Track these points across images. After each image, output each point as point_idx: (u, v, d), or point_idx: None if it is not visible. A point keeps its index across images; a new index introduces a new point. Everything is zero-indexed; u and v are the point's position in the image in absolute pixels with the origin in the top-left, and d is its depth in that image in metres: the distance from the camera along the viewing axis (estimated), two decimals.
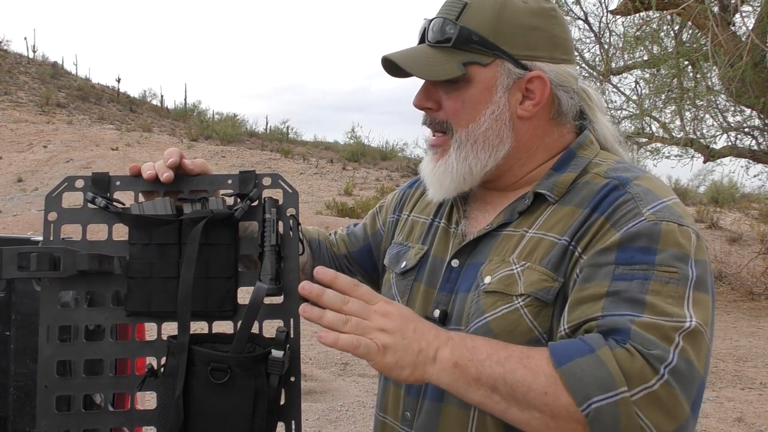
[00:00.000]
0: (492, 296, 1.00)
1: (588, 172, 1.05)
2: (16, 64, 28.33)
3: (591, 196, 1.00)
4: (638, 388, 0.83)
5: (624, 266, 0.92)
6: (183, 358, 1.04)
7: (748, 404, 5.20)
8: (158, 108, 29.21)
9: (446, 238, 1.16)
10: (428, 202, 1.22)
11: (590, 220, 0.98)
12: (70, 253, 1.07)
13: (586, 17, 10.69)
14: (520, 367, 0.88)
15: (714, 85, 9.58)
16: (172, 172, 1.11)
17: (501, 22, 1.04)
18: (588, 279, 0.93)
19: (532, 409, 0.87)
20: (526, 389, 0.87)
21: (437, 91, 1.08)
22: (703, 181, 19.78)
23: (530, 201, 1.06)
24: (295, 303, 1.12)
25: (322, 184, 17.89)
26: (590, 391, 0.83)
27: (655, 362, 0.84)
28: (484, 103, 1.05)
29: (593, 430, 0.84)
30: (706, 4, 7.94)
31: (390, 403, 1.16)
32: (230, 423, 1.03)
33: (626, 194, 0.98)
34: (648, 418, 0.83)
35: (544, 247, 1.00)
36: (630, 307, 0.88)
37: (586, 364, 0.85)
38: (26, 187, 16.53)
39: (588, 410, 0.83)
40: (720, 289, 10.76)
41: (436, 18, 1.07)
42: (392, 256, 1.24)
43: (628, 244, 0.93)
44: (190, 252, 1.07)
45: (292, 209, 1.15)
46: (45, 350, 1.09)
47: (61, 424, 1.08)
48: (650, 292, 0.89)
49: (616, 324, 0.87)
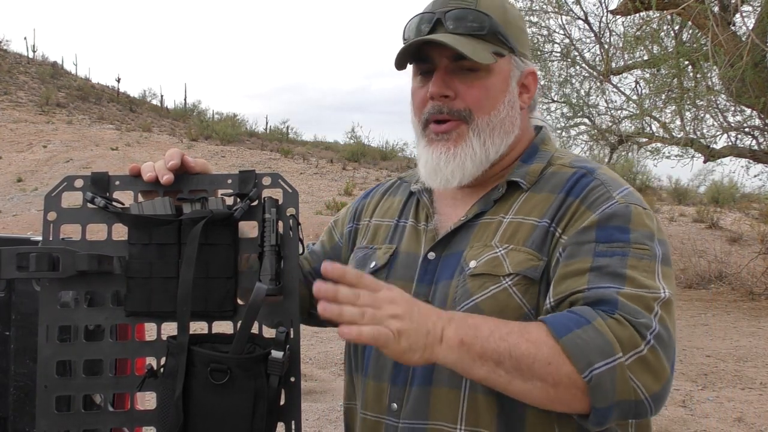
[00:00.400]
0: (479, 279, 1.06)
1: (553, 164, 1.15)
2: (15, 64, 28.33)
3: (562, 183, 1.10)
4: (630, 353, 0.92)
5: (604, 244, 1.01)
6: (182, 358, 1.04)
7: (748, 404, 5.20)
8: (158, 108, 29.21)
9: (416, 234, 1.20)
10: (389, 206, 1.28)
11: (566, 203, 1.07)
12: (69, 254, 1.07)
13: (586, 17, 10.69)
14: (523, 341, 0.93)
15: (714, 85, 9.58)
16: (172, 174, 1.11)
17: (507, 20, 1.14)
18: (572, 255, 1.02)
19: (535, 379, 0.92)
20: (530, 361, 0.92)
21: (453, 80, 1.12)
22: (703, 181, 19.80)
23: (504, 189, 1.13)
24: (295, 303, 1.12)
25: (322, 184, 17.89)
26: (592, 358, 0.91)
27: (642, 329, 0.93)
28: (503, 92, 1.13)
29: (593, 393, 0.91)
30: (706, 4, 7.94)
31: (370, 399, 1.15)
32: (230, 423, 1.03)
33: (595, 180, 1.09)
34: (639, 380, 0.92)
35: (526, 230, 1.07)
36: (613, 280, 0.98)
37: (585, 335, 0.92)
38: (26, 187, 16.54)
39: (589, 376, 0.90)
40: (720, 289, 10.77)
41: (461, 9, 1.11)
42: (359, 259, 1.25)
43: (606, 224, 1.03)
44: (189, 252, 1.06)
45: (292, 209, 1.15)
46: (44, 350, 1.09)
47: (60, 425, 1.08)
48: (629, 267, 0.99)
49: (603, 296, 0.96)
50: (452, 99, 1.12)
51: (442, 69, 1.12)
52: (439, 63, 1.12)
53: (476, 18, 1.10)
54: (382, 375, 1.13)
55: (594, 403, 0.91)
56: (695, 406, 5.13)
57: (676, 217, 16.12)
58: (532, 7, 10.76)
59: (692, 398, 5.31)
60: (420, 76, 1.16)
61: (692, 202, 18.80)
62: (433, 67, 1.13)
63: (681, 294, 10.65)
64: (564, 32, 11.06)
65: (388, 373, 1.13)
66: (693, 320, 8.63)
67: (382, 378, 1.14)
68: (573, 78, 11.29)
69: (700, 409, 5.06)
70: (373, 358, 1.16)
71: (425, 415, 1.07)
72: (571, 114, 11.52)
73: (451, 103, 1.12)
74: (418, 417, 1.08)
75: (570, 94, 11.22)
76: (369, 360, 1.16)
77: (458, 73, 1.11)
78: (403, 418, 1.10)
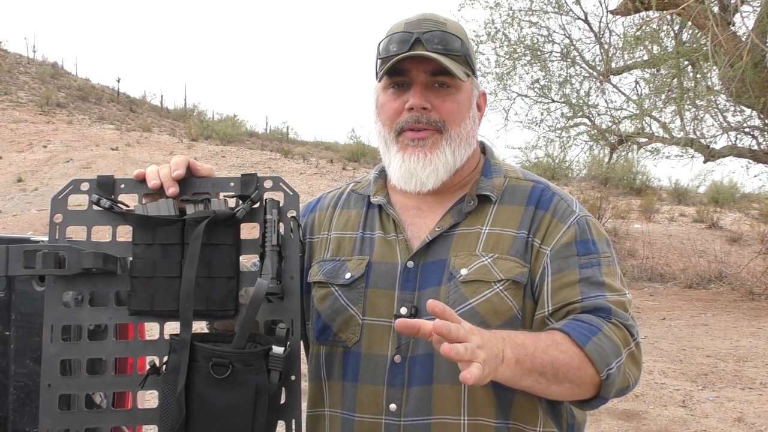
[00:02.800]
0: (472, 285, 1.17)
1: (508, 177, 1.29)
2: (16, 64, 28.35)
3: (527, 196, 1.25)
4: (626, 350, 1.13)
5: (584, 257, 1.19)
6: (185, 354, 1.05)
7: (748, 404, 5.21)
8: (158, 108, 29.22)
9: (388, 245, 1.25)
10: (347, 219, 1.32)
11: (538, 216, 1.22)
12: (74, 252, 1.09)
13: (586, 17, 10.71)
14: (559, 353, 1.08)
15: (714, 85, 9.59)
16: (177, 187, 1.13)
17: (469, 45, 1.26)
18: (561, 269, 1.18)
19: (567, 382, 1.09)
20: (567, 369, 1.08)
21: (429, 94, 1.22)
22: (703, 181, 19.80)
23: (475, 203, 1.24)
24: (296, 302, 1.13)
25: (322, 184, 17.89)
26: (609, 360, 1.09)
27: (631, 330, 1.15)
28: (469, 108, 1.26)
29: (605, 387, 1.10)
30: (706, 4, 7.95)
31: (365, 402, 1.18)
32: (231, 418, 1.04)
33: (555, 195, 1.25)
34: (630, 371, 1.14)
35: (506, 241, 1.20)
36: (599, 289, 1.16)
37: (600, 341, 1.10)
38: (26, 187, 16.54)
39: (606, 375, 1.09)
40: (720, 289, 10.78)
41: (436, 31, 1.21)
42: (327, 271, 1.27)
43: (581, 238, 1.21)
44: (192, 251, 1.08)
45: (293, 211, 1.16)
46: (49, 349, 1.10)
47: (63, 423, 1.09)
48: (604, 275, 1.18)
49: (598, 305, 1.14)
50: (429, 111, 1.22)
51: (420, 83, 1.21)
52: (417, 78, 1.21)
53: (451, 40, 1.21)
54: (376, 378, 1.18)
55: (603, 394, 1.11)
56: (695, 406, 5.14)
57: (676, 217, 16.12)
58: (532, 7, 10.78)
59: (692, 398, 5.32)
60: (392, 90, 1.24)
61: (692, 202, 18.80)
62: (409, 81, 1.22)
63: (681, 294, 10.67)
64: (564, 32, 11.09)
65: (382, 376, 1.17)
66: (693, 320, 8.64)
67: (376, 381, 1.18)
68: (573, 78, 11.31)
69: (700, 409, 5.07)
70: (363, 363, 1.19)
71: (428, 411, 1.14)
72: (571, 114, 11.53)
73: (428, 114, 1.22)
74: (421, 414, 1.15)
75: (570, 94, 11.23)
76: (358, 366, 1.20)
77: (433, 88, 1.22)
78: (405, 417, 1.15)
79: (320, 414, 1.25)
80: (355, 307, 1.21)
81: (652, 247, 12.80)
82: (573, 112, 11.48)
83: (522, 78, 11.48)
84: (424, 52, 1.19)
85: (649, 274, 11.68)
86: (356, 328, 1.20)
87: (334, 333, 1.22)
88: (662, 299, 10.20)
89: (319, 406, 1.25)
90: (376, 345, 1.19)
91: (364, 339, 1.19)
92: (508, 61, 11.15)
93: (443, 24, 1.23)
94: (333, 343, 1.23)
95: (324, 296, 1.25)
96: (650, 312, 9.08)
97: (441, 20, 1.23)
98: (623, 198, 17.00)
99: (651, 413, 4.96)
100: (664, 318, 8.74)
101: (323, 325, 1.24)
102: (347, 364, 1.21)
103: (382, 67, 1.23)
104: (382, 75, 1.24)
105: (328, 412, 1.23)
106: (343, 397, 1.21)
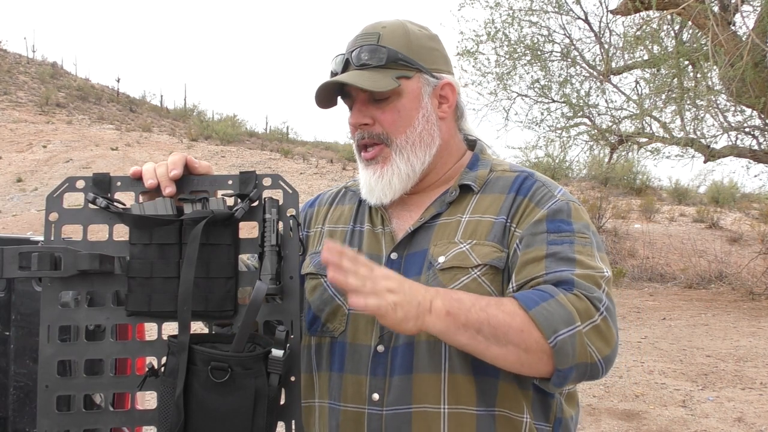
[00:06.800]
0: (449, 272, 1.18)
1: (494, 171, 1.31)
2: (15, 64, 28.34)
3: (509, 185, 1.26)
4: (587, 322, 1.08)
5: (554, 234, 1.18)
6: (183, 357, 1.04)
7: (748, 404, 5.20)
8: (158, 108, 29.20)
9: (375, 237, 1.29)
10: (340, 214, 1.37)
11: (516, 201, 1.23)
12: (71, 253, 1.07)
13: (586, 17, 10.71)
14: (499, 312, 1.07)
15: (714, 84, 9.59)
16: (174, 187, 1.13)
17: (411, 44, 1.26)
18: (528, 245, 1.17)
19: (510, 344, 1.06)
20: (506, 329, 1.06)
21: (369, 108, 1.25)
22: (703, 181, 19.77)
23: (457, 193, 1.27)
24: (296, 303, 1.13)
25: (322, 184, 17.89)
26: (557, 326, 1.06)
27: (596, 302, 1.10)
28: (416, 109, 1.26)
29: (557, 356, 1.06)
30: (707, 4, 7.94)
31: (350, 392, 1.20)
32: (231, 422, 1.03)
33: (537, 182, 1.26)
34: (594, 345, 1.08)
35: (485, 226, 1.22)
36: (566, 264, 1.14)
37: (551, 307, 1.07)
38: (26, 187, 16.54)
39: (554, 341, 1.06)
40: (720, 289, 10.77)
41: (363, 46, 1.24)
42: (318, 262, 1.28)
43: (553, 217, 1.20)
44: (190, 252, 1.07)
45: (292, 210, 1.15)
46: (46, 350, 1.09)
47: (61, 424, 1.08)
48: (576, 252, 1.16)
49: (561, 277, 1.12)
50: (371, 125, 1.26)
51: (359, 101, 1.25)
52: (357, 96, 1.25)
53: (374, 51, 1.23)
54: (360, 368, 1.19)
55: (557, 365, 1.07)
56: (695, 406, 5.14)
57: (676, 217, 16.11)
58: (532, 6, 10.78)
59: (692, 398, 5.31)
60: (349, 108, 1.29)
61: (692, 202, 18.79)
62: (353, 99, 1.26)
63: (681, 294, 10.67)
64: (564, 32, 11.08)
65: (366, 366, 1.18)
66: (693, 320, 8.63)
67: (360, 371, 1.19)
68: (573, 78, 11.30)
69: (700, 409, 5.07)
70: (348, 353, 1.21)
71: (409, 401, 1.16)
72: (571, 114, 11.51)
73: (371, 129, 1.26)
74: (402, 403, 1.16)
75: (570, 94, 11.22)
76: (344, 356, 1.21)
77: (373, 101, 1.25)
78: (387, 406, 1.17)
79: (312, 405, 1.26)
80: (342, 297, 1.23)
81: (652, 247, 12.80)
82: (573, 112, 11.47)
83: (522, 78, 11.48)
84: (340, 78, 1.22)
85: (649, 274, 11.68)
86: (342, 318, 1.23)
87: (323, 323, 1.25)
88: (662, 299, 10.19)
89: (310, 397, 1.26)
90: (361, 335, 1.20)
91: (350, 329, 1.22)
92: (508, 61, 11.15)
93: (375, 36, 1.24)
94: (321, 334, 1.25)
95: (314, 287, 1.28)
96: (650, 312, 9.07)
97: (377, 30, 1.25)
98: (623, 198, 17.00)
99: (651, 413, 4.96)
100: (665, 318, 8.73)
101: (313, 315, 1.27)
102: (334, 355, 1.23)
103: None
104: (321, 104, 1.28)
105: (318, 403, 1.25)
106: (330, 387, 1.23)
